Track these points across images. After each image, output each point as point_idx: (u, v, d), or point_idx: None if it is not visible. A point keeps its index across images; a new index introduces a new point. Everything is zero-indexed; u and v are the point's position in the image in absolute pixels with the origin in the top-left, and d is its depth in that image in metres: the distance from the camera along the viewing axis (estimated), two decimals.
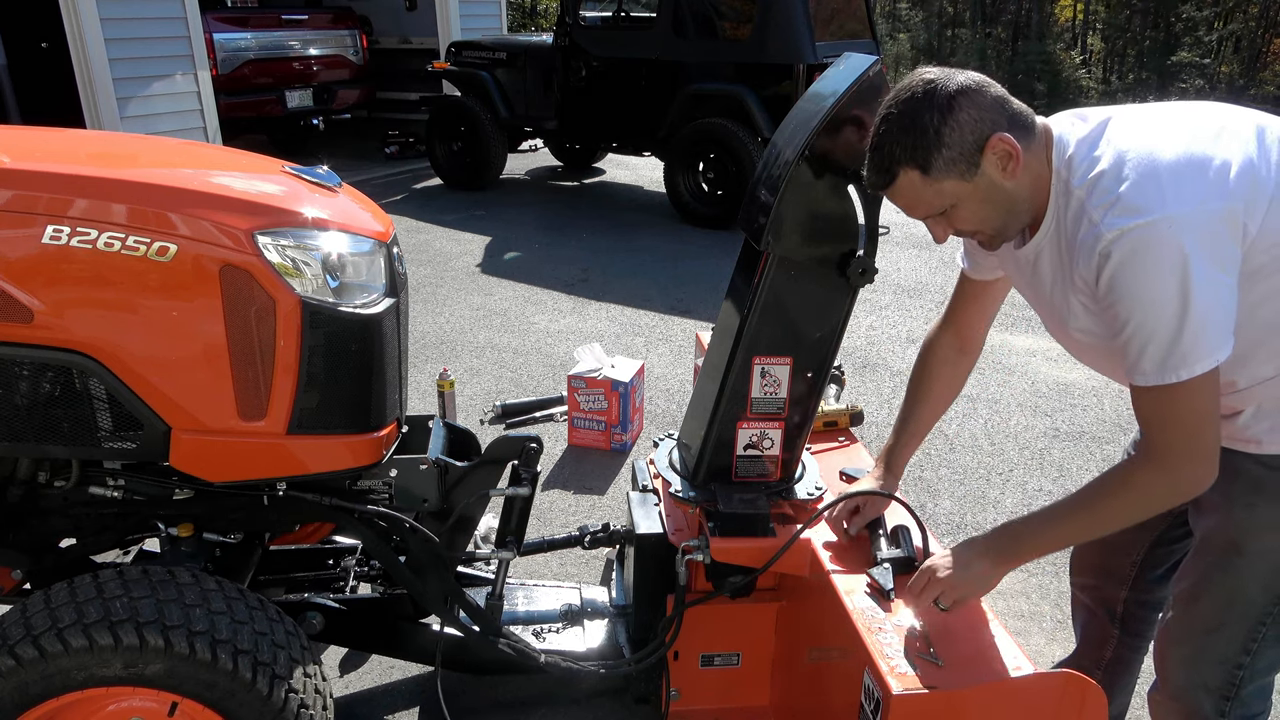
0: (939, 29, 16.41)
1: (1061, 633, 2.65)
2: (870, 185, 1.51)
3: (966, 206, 1.46)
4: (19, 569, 1.97)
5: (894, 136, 1.42)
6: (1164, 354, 1.33)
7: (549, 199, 8.35)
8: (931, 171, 1.42)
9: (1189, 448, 1.39)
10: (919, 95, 1.41)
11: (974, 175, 1.42)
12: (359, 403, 1.74)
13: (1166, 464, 1.41)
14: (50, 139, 1.98)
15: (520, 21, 15.50)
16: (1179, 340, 1.32)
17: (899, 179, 1.45)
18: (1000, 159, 1.41)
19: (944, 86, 1.40)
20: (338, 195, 1.86)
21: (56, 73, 7.34)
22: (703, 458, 2.00)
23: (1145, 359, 1.36)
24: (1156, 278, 1.31)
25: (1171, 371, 1.34)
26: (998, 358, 4.65)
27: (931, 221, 1.50)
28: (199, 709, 1.56)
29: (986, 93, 1.41)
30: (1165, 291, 1.31)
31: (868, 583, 1.72)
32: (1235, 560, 1.54)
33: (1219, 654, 1.59)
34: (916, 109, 1.40)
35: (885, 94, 1.72)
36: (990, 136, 1.39)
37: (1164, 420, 1.40)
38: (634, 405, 3.70)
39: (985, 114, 1.40)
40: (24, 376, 1.56)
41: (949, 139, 1.39)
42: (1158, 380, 1.35)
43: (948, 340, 1.90)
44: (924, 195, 1.45)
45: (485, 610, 2.04)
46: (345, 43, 9.22)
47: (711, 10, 7.05)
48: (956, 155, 1.40)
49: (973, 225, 1.50)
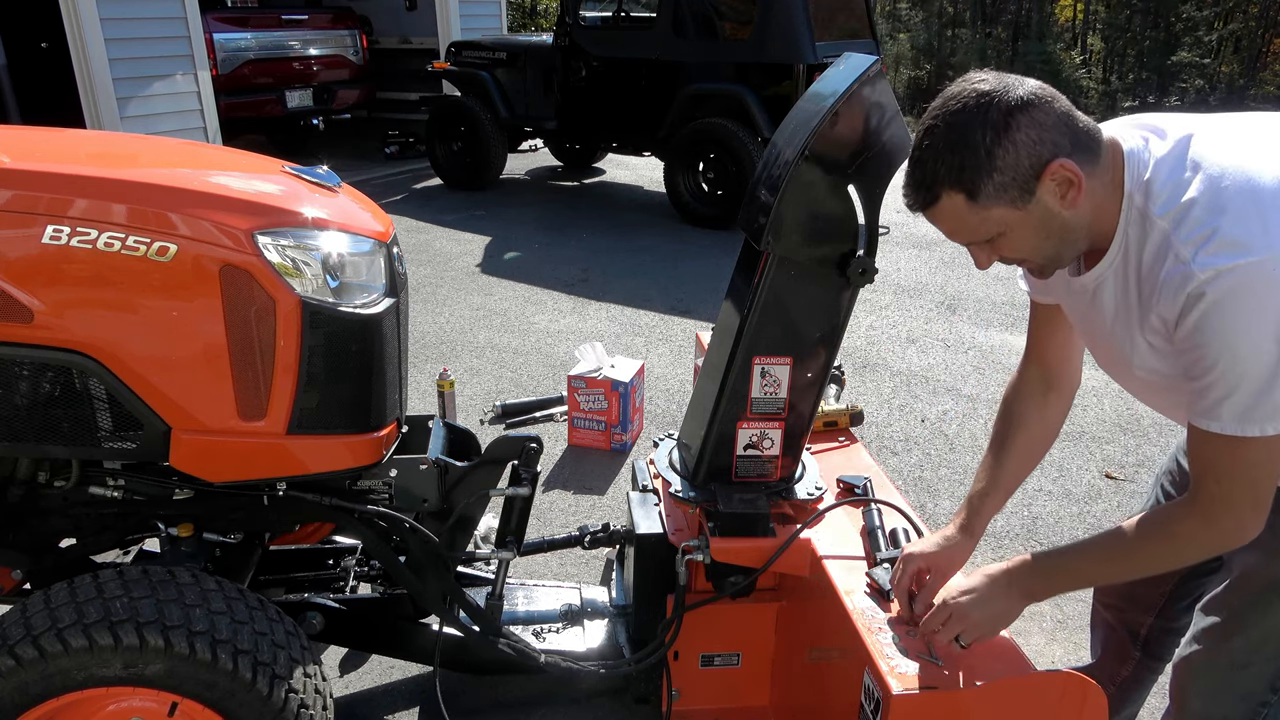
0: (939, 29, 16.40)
1: (1061, 633, 2.65)
2: (910, 204, 1.34)
3: (1016, 235, 1.31)
4: (19, 569, 1.96)
5: (938, 154, 1.26)
6: (1249, 404, 1.21)
7: (549, 199, 8.35)
8: (979, 198, 1.26)
9: (1245, 500, 1.30)
10: (971, 108, 1.24)
11: (1027, 203, 1.27)
12: (359, 403, 1.74)
13: (1217, 515, 1.32)
14: (50, 139, 1.98)
15: (520, 21, 15.50)
16: (1270, 392, 1.20)
17: (941, 201, 1.29)
18: (1060, 187, 1.26)
19: (1001, 100, 1.23)
20: (338, 195, 1.85)
21: (56, 73, 7.34)
22: (703, 458, 2.00)
23: (1226, 406, 1.23)
24: (1257, 323, 1.18)
25: (1255, 424, 1.22)
26: (997, 358, 4.65)
27: (975, 248, 1.37)
28: (199, 709, 1.56)
29: (1050, 109, 1.24)
30: (1264, 338, 1.18)
31: (868, 583, 1.72)
32: (1275, 600, 1.47)
33: (1244, 689, 1.54)
34: (967, 124, 1.24)
35: (887, 94, 1.72)
36: (1050, 163, 1.24)
37: (1228, 472, 1.29)
38: (634, 405, 3.70)
39: (1046, 134, 1.23)
40: (24, 376, 1.56)
41: (1002, 163, 1.23)
42: (1236, 431, 1.24)
43: (1031, 375, 1.69)
44: (969, 221, 1.30)
45: (485, 610, 2.04)
46: (345, 43, 9.21)
47: (711, 10, 7.05)
48: (1009, 181, 1.24)
49: (1021, 254, 1.36)
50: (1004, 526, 3.17)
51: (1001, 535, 3.12)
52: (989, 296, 5.62)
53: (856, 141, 1.72)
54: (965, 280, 5.99)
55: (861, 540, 1.88)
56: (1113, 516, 3.25)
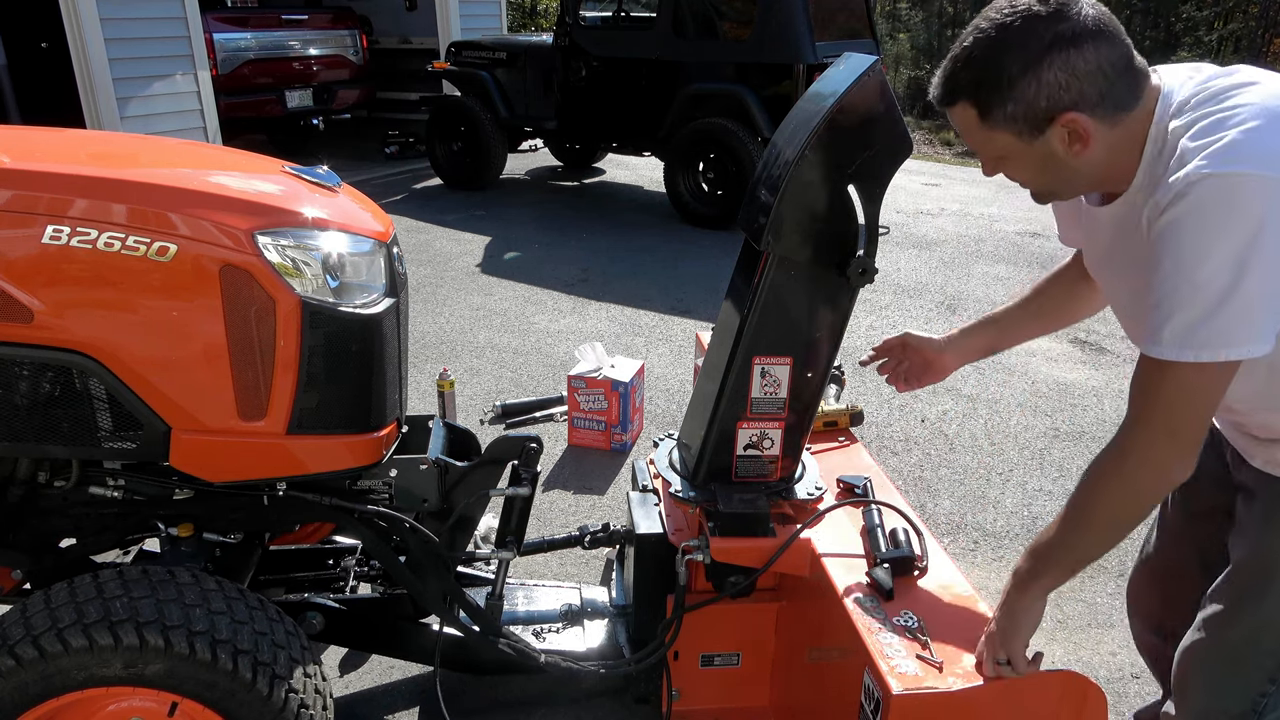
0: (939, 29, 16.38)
1: (1061, 633, 2.65)
2: (932, 96, 1.37)
3: (1017, 163, 1.34)
4: (19, 569, 1.96)
5: (968, 62, 1.27)
6: (1191, 326, 1.17)
7: (549, 199, 8.35)
8: (988, 119, 1.28)
9: (1159, 427, 1.26)
10: (1017, 27, 1.22)
11: (1034, 140, 1.28)
12: (359, 403, 1.74)
13: (1131, 445, 1.29)
14: (50, 139, 1.98)
15: (520, 21, 15.48)
16: (1215, 315, 1.16)
17: (956, 107, 1.32)
18: (1069, 136, 1.27)
19: (1048, 30, 1.20)
20: (338, 195, 1.85)
21: (56, 73, 7.34)
22: (703, 458, 2.00)
23: (1169, 326, 1.19)
24: (1225, 240, 1.14)
25: (1190, 349, 1.18)
26: (998, 357, 4.64)
27: (983, 157, 1.39)
28: (199, 709, 1.56)
29: (1094, 55, 1.21)
30: (1225, 257, 1.14)
31: (868, 583, 1.72)
32: (1270, 590, 1.46)
33: (1244, 680, 1.52)
34: (1005, 44, 1.23)
35: (887, 94, 1.72)
36: (1066, 111, 1.23)
37: (1152, 397, 1.26)
38: (634, 405, 3.70)
39: (1075, 82, 1.22)
40: (24, 376, 1.56)
41: (1019, 94, 1.23)
42: (1173, 356, 1.20)
43: (1070, 267, 1.76)
44: (975, 136, 1.33)
45: (485, 610, 2.04)
46: (345, 43, 9.21)
47: (711, 10, 7.05)
48: (1021, 114, 1.25)
49: (1020, 179, 1.39)
50: (1004, 526, 3.17)
51: (1001, 535, 3.12)
52: (989, 296, 5.62)
53: (856, 141, 1.72)
54: (965, 280, 5.99)
55: (861, 540, 1.88)
56: None
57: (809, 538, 1.88)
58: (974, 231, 7.29)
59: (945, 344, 1.94)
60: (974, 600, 1.69)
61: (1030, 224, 7.50)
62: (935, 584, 1.74)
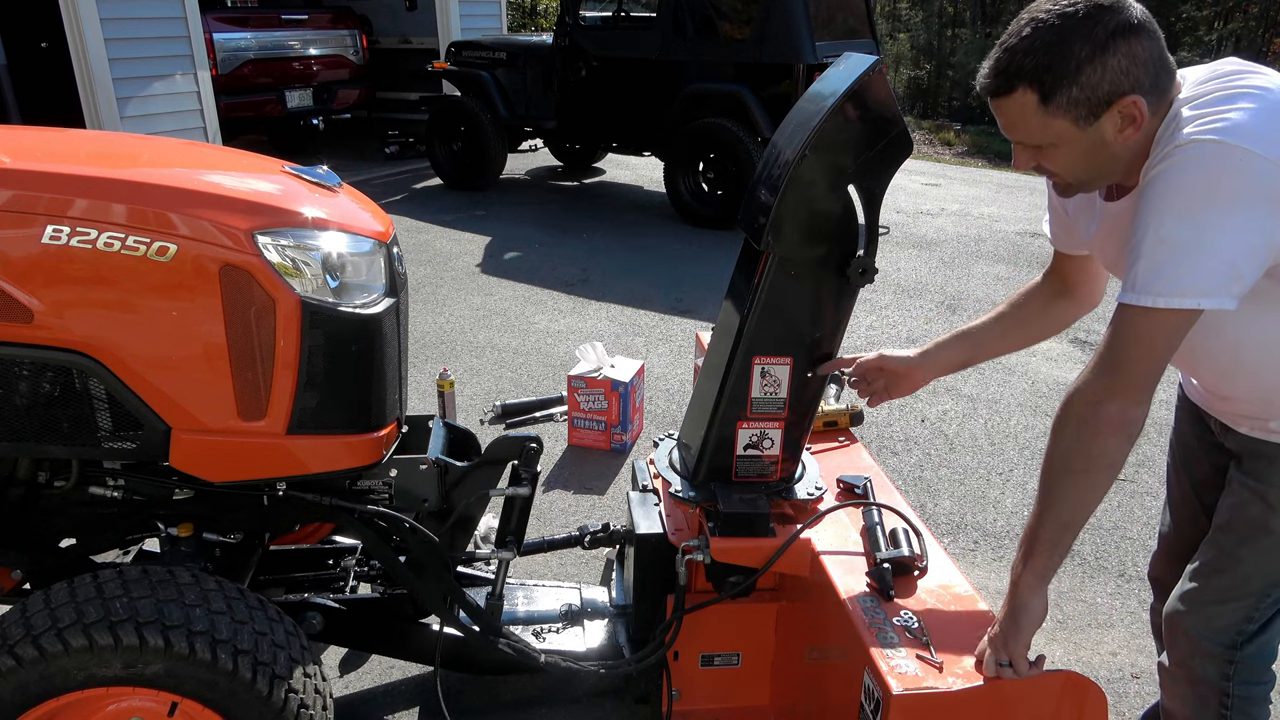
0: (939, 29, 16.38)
1: (1061, 633, 2.65)
2: (984, 88, 1.38)
3: (1065, 151, 1.37)
4: (19, 569, 1.97)
5: (1032, 48, 1.30)
6: (1157, 267, 1.24)
7: (549, 199, 8.35)
8: (1050, 104, 1.31)
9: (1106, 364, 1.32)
10: (1081, 16, 1.28)
11: (1089, 125, 1.33)
12: (359, 402, 1.74)
13: (1085, 377, 1.34)
14: (50, 139, 1.98)
15: (520, 21, 15.47)
16: (1177, 263, 1.22)
17: (1014, 94, 1.34)
18: (1123, 120, 1.32)
19: (1111, 19, 1.27)
20: (338, 195, 1.85)
21: (56, 73, 7.33)
22: (703, 458, 2.00)
23: (1133, 271, 1.26)
24: (1204, 195, 1.21)
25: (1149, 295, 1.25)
26: (998, 357, 4.64)
27: (1021, 148, 1.42)
28: (199, 709, 1.56)
29: (1148, 45, 1.29)
30: (1195, 211, 1.21)
31: (868, 583, 1.72)
32: (1263, 539, 1.51)
33: (1225, 621, 1.57)
34: (1072, 30, 1.28)
35: (887, 94, 1.73)
36: (1126, 95, 1.29)
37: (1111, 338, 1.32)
38: (634, 405, 3.70)
39: (1134, 68, 1.28)
40: (24, 376, 1.56)
41: (1085, 79, 1.28)
42: (1132, 300, 1.26)
43: (1047, 281, 1.80)
44: (1031, 122, 1.35)
45: (485, 610, 2.04)
46: (345, 43, 9.21)
47: (711, 10, 7.04)
48: (1084, 99, 1.30)
49: (1059, 169, 1.42)
50: (1004, 526, 3.17)
51: (1001, 535, 3.12)
52: (989, 296, 5.62)
53: (856, 141, 1.72)
54: (965, 280, 5.99)
55: (861, 540, 1.88)
56: (1113, 516, 3.25)
57: (809, 538, 1.88)
58: (974, 231, 7.29)
59: (919, 359, 1.95)
60: (974, 600, 1.69)
61: (1030, 224, 7.51)
62: (935, 584, 1.74)
